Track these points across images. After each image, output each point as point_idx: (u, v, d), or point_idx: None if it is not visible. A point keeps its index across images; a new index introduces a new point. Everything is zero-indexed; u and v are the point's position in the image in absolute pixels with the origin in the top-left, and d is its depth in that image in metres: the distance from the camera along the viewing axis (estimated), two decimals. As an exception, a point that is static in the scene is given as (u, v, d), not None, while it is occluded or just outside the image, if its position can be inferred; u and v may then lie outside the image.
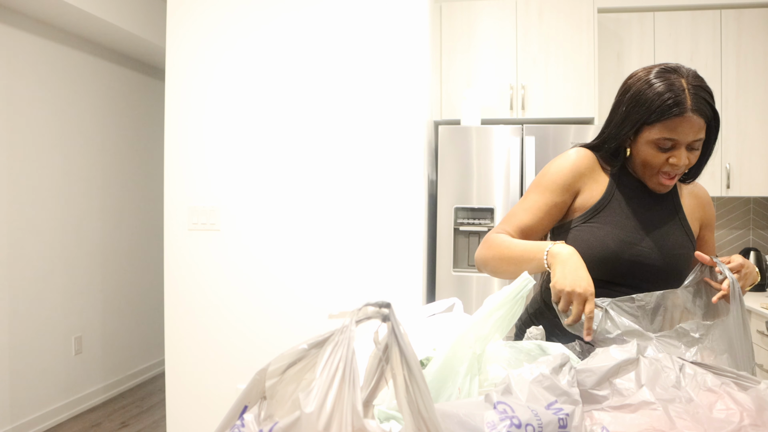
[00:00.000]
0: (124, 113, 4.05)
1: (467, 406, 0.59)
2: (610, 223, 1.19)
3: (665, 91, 1.08)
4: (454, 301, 1.06)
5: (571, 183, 1.23)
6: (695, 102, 1.07)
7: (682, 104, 1.07)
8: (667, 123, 1.09)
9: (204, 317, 2.65)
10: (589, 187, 1.23)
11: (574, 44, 2.98)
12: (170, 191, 2.68)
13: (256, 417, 0.53)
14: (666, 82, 1.09)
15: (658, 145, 1.12)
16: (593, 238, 1.18)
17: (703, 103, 1.08)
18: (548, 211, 1.23)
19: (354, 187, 2.58)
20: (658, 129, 1.10)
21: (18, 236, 3.13)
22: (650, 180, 1.18)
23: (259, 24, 2.62)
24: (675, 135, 1.09)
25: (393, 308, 0.50)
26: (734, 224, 3.34)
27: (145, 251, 4.28)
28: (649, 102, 1.10)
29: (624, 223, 1.19)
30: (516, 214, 1.25)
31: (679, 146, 1.11)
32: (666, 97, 1.08)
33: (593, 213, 1.21)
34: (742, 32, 3.05)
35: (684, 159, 1.11)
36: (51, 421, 3.30)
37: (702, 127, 1.09)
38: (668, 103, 1.07)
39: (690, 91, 1.08)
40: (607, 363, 0.70)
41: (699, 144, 1.12)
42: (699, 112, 1.07)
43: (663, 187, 1.18)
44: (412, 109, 2.54)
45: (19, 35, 3.13)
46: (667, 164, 1.13)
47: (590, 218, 1.21)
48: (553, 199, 1.23)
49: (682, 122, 1.08)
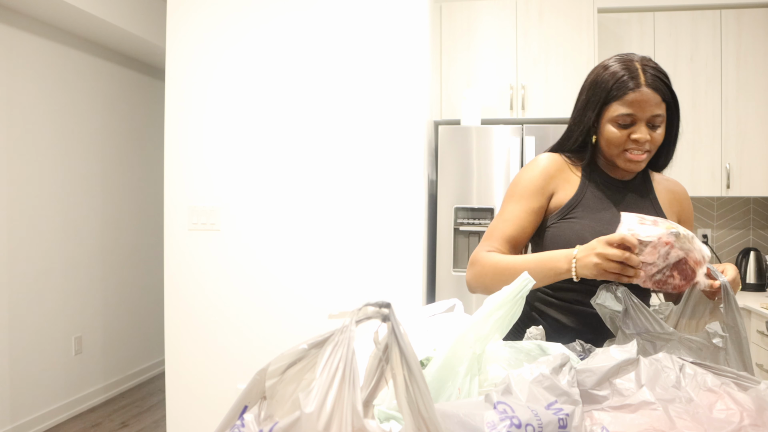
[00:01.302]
0: (124, 113, 4.05)
1: (467, 406, 0.59)
2: (586, 217, 1.21)
3: (620, 70, 1.16)
4: (454, 302, 1.06)
5: (544, 186, 1.25)
6: (649, 78, 1.14)
7: (636, 79, 1.14)
8: (625, 99, 1.14)
9: (204, 317, 2.65)
10: (562, 188, 1.25)
11: (574, 44, 2.98)
12: (170, 191, 2.68)
13: (256, 417, 0.53)
14: (621, 64, 1.17)
15: (618, 123, 1.17)
16: (570, 232, 1.20)
17: (658, 81, 1.14)
18: (528, 218, 1.24)
19: (354, 187, 2.58)
20: (617, 106, 1.16)
21: (18, 236, 3.13)
22: (618, 159, 1.20)
23: (259, 24, 2.62)
24: (633, 109, 1.14)
25: (393, 308, 0.50)
26: (734, 224, 3.34)
27: (145, 251, 4.28)
28: (605, 82, 1.17)
29: (600, 216, 1.21)
30: (498, 227, 1.26)
31: (638, 122, 1.15)
32: (620, 74, 1.15)
33: (568, 209, 1.23)
34: (742, 32, 3.05)
35: (645, 134, 1.15)
36: (51, 421, 3.30)
37: (659, 103, 1.14)
38: (623, 80, 1.14)
39: (643, 69, 1.15)
40: (607, 363, 0.70)
41: (659, 121, 1.16)
42: (653, 87, 1.13)
43: (632, 164, 1.19)
44: (412, 109, 2.54)
45: (19, 35, 3.13)
46: (630, 141, 1.17)
47: (566, 215, 1.22)
48: (531, 205, 1.24)
49: (638, 97, 1.13)
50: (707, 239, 3.33)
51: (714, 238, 3.35)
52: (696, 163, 3.08)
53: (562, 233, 1.20)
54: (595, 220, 1.20)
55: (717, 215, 3.35)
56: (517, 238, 1.24)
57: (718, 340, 0.96)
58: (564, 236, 1.20)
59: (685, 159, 3.09)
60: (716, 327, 0.98)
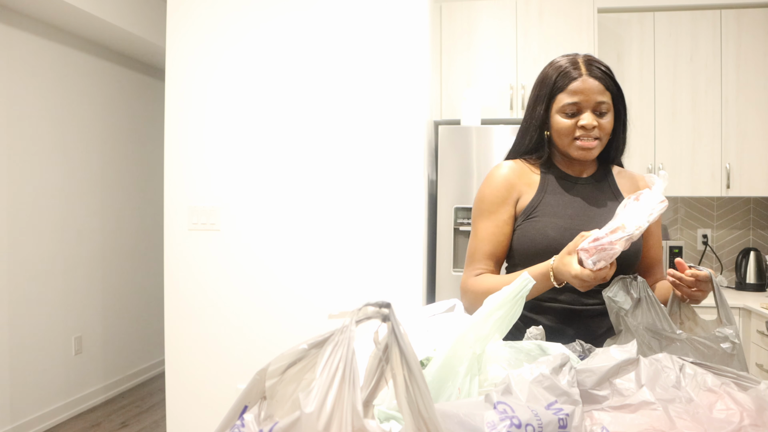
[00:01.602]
0: (124, 113, 4.05)
1: (467, 406, 0.59)
2: (548, 214, 1.24)
3: (563, 63, 1.24)
4: (454, 302, 1.06)
5: (507, 196, 1.28)
6: (590, 69, 1.21)
7: (578, 70, 1.21)
8: (569, 89, 1.21)
9: (204, 317, 2.65)
10: (525, 191, 1.29)
11: (574, 44, 2.98)
12: (170, 191, 2.68)
13: (256, 417, 0.53)
14: (565, 59, 1.25)
15: (565, 112, 1.22)
16: (533, 230, 1.23)
17: (599, 72, 1.21)
18: (501, 231, 1.28)
19: (354, 187, 2.58)
20: (562, 96, 1.22)
21: (18, 236, 3.13)
22: (570, 149, 1.24)
23: (259, 24, 2.62)
24: (577, 98, 1.20)
25: (393, 308, 0.50)
26: (734, 224, 3.34)
27: (145, 251, 4.28)
28: (550, 76, 1.25)
29: (562, 212, 1.24)
30: (476, 248, 1.29)
31: (584, 109, 1.21)
32: (564, 67, 1.23)
33: (530, 210, 1.26)
34: (742, 32, 3.05)
35: (591, 120, 1.20)
36: (51, 421, 3.30)
37: (602, 91, 1.20)
38: (567, 71, 1.22)
39: (584, 62, 1.23)
40: (607, 363, 0.70)
41: (605, 107, 1.21)
42: (595, 76, 1.20)
43: (584, 152, 1.23)
44: (412, 109, 2.54)
45: (19, 35, 3.13)
46: (578, 129, 1.22)
47: (529, 215, 1.26)
48: (500, 218, 1.28)
49: (581, 86, 1.20)
50: (707, 239, 3.33)
51: (714, 238, 3.35)
52: (696, 163, 3.08)
53: (527, 233, 1.24)
54: (557, 216, 1.24)
55: (717, 215, 3.35)
56: (496, 253, 1.28)
57: (728, 345, 0.96)
58: (528, 236, 1.23)
59: (685, 159, 3.09)
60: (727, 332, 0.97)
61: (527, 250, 1.22)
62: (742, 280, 3.08)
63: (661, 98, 3.11)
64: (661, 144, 3.11)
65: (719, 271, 3.33)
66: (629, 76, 3.13)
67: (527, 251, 1.23)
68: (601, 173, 1.32)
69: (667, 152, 3.10)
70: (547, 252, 1.18)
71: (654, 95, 3.12)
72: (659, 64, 3.11)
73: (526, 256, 1.24)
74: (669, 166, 3.10)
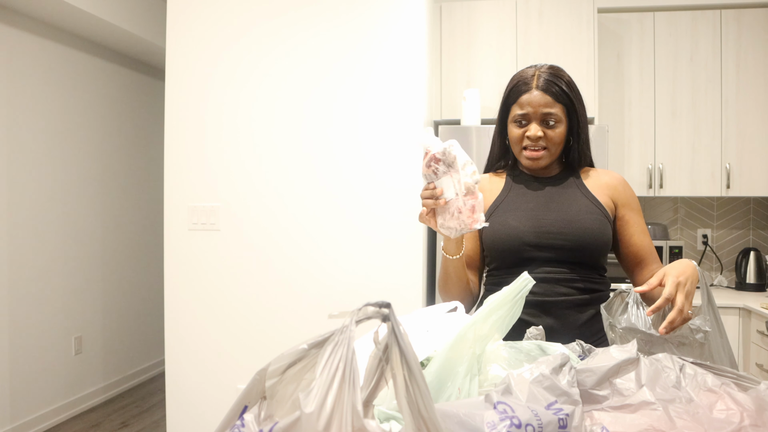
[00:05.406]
0: (124, 113, 4.05)
1: (467, 406, 0.59)
2: (511, 209, 1.32)
3: (519, 75, 1.31)
4: (456, 304, 1.06)
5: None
6: (540, 82, 1.26)
7: (528, 84, 1.27)
8: (520, 101, 1.28)
9: (204, 317, 2.65)
10: (492, 198, 1.37)
11: (574, 44, 2.98)
12: (170, 191, 2.68)
13: (256, 417, 0.53)
14: (524, 71, 1.32)
15: (516, 122, 1.30)
16: (496, 224, 1.31)
17: (550, 84, 1.26)
18: (473, 239, 1.37)
19: (353, 186, 2.58)
20: (514, 108, 1.30)
21: (18, 236, 3.13)
22: (520, 157, 1.33)
23: (258, 24, 2.62)
24: (524, 109, 1.27)
25: (393, 308, 0.50)
26: (734, 224, 3.34)
27: (145, 251, 4.28)
28: (508, 88, 1.33)
29: (525, 206, 1.32)
30: None
31: (532, 120, 1.28)
32: (517, 81, 1.30)
33: (495, 207, 1.34)
34: (742, 32, 3.05)
35: (536, 131, 1.26)
36: (51, 421, 3.30)
37: (550, 103, 1.26)
38: (518, 85, 1.29)
39: (537, 75, 1.28)
40: (607, 363, 0.70)
41: (553, 119, 1.27)
42: (544, 89, 1.26)
43: (531, 161, 1.30)
44: (412, 109, 2.55)
45: (19, 35, 3.13)
46: (525, 138, 1.29)
47: (493, 212, 1.34)
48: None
49: (529, 98, 1.27)
50: (707, 239, 3.33)
51: (714, 238, 3.35)
52: (696, 163, 3.08)
53: (492, 226, 1.30)
54: (519, 209, 1.31)
55: (717, 215, 3.35)
56: (471, 256, 1.38)
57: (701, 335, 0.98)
58: (492, 228, 1.30)
59: (685, 159, 3.09)
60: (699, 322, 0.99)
61: (493, 242, 1.30)
62: (742, 280, 3.07)
63: (661, 98, 3.11)
64: (660, 144, 3.11)
65: (719, 271, 3.33)
66: (629, 76, 3.13)
67: (493, 242, 1.31)
68: (567, 173, 1.38)
69: (667, 152, 3.10)
70: (510, 239, 1.27)
71: (654, 95, 3.12)
72: (659, 64, 3.11)
73: (493, 247, 1.32)
74: (669, 166, 3.10)
